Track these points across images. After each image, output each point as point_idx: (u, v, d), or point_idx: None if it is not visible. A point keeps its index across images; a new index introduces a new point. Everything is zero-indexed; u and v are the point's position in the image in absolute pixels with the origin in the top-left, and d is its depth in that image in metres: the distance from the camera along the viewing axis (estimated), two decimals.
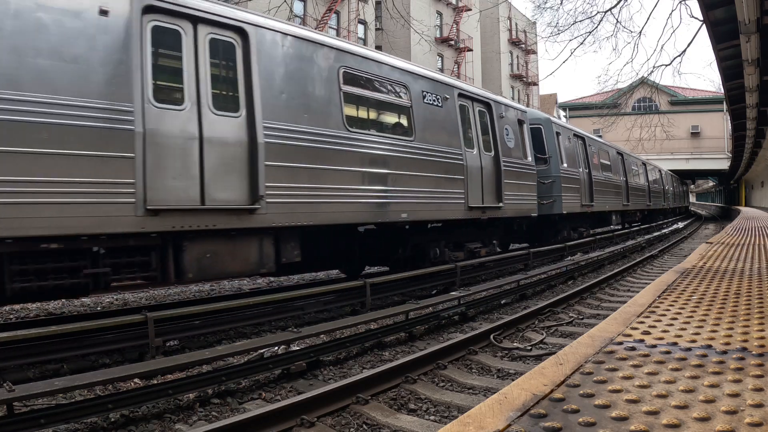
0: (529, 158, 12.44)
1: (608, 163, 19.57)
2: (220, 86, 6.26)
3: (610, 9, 15.86)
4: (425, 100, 9.11)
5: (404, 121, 8.78)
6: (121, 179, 5.20)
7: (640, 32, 18.08)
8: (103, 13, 5.27)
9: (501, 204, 10.87)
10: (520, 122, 12.27)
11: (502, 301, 8.47)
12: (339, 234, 8.45)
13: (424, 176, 8.83)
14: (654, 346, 2.31)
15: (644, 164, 26.80)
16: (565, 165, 14.75)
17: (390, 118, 8.74)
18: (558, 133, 14.70)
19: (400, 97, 8.73)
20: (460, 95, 10.14)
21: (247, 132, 6.31)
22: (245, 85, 6.41)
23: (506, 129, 11.47)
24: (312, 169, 6.98)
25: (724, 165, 47.59)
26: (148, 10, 5.62)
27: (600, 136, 22.61)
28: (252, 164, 6.26)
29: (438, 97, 9.46)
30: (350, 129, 7.60)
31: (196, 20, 6.06)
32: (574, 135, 16.09)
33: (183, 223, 5.68)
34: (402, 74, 8.81)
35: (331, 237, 8.36)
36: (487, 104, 10.92)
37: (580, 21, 18.72)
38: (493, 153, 10.89)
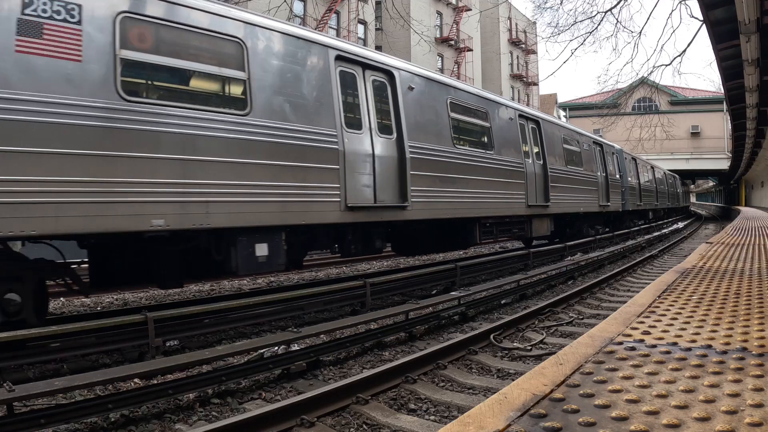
0: (617, 175, 20.33)
1: (647, 174, 27.69)
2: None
3: (611, 9, 15.87)
4: (585, 147, 16.68)
5: (582, 160, 16.08)
6: (522, 193, 11.72)
7: (640, 32, 18.12)
8: (512, 119, 11.95)
9: (609, 203, 18.27)
10: (613, 153, 20.31)
11: (502, 301, 8.47)
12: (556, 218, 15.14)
13: (585, 188, 15.99)
14: (654, 346, 2.31)
15: (664, 173, 34.53)
16: (629, 179, 22.20)
17: (578, 160, 15.86)
18: (625, 158, 22.30)
19: (581, 147, 16.26)
20: (594, 142, 17.85)
21: (542, 169, 13.13)
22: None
23: (608, 158, 19.17)
24: (565, 186, 14.20)
25: (724, 165, 47.58)
26: (519, 116, 12.40)
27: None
28: (545, 184, 13.02)
29: (588, 146, 17.14)
30: (568, 166, 14.74)
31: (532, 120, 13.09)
32: (632, 158, 23.94)
33: (533, 211, 12.34)
34: (591, 139, 17.67)
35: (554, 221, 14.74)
36: (600, 145, 18.56)
37: (581, 21, 18.78)
38: (605, 174, 18.33)
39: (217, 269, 6.65)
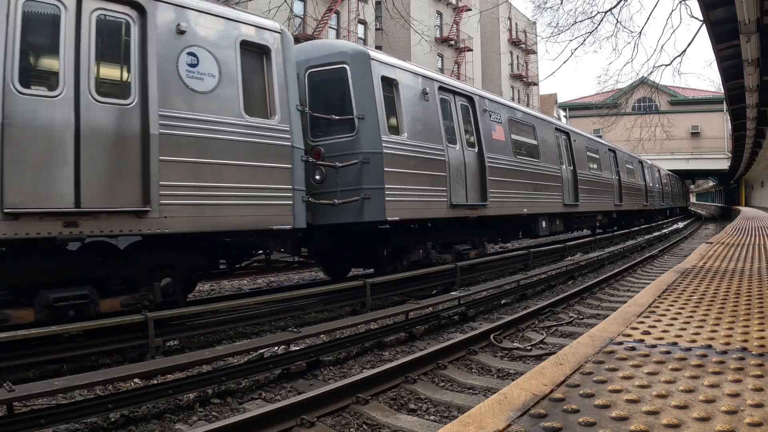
0: (648, 183, 26.22)
1: (665, 181, 33.53)
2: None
3: (611, 9, 15.81)
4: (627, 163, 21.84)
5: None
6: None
7: (640, 32, 18.13)
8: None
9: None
10: (642, 164, 25.10)
11: (502, 301, 8.47)
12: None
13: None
14: (654, 346, 2.31)
15: (675, 177, 39.45)
16: (657, 185, 28.71)
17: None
18: (651, 168, 27.88)
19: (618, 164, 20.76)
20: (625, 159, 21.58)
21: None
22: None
23: (649, 171, 24.68)
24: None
25: (724, 165, 47.55)
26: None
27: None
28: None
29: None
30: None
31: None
32: (650, 166, 28.33)
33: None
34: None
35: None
36: (641, 162, 23.70)
37: (581, 21, 18.69)
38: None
39: None
